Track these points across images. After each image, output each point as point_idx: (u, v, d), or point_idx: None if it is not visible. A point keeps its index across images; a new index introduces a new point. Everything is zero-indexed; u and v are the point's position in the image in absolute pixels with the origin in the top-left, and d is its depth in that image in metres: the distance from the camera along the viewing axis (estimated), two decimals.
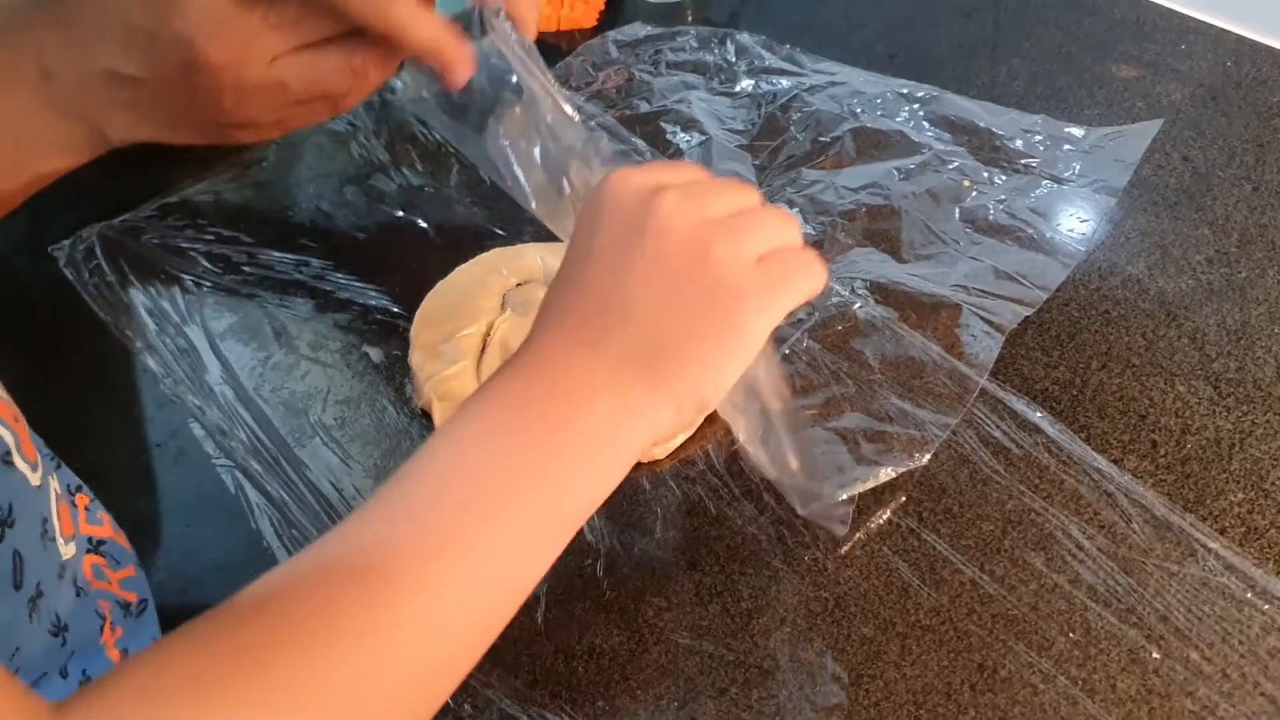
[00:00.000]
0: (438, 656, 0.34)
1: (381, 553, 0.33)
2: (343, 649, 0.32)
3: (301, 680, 0.31)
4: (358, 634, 0.32)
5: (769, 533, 0.49)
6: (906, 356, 0.56)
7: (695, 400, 0.38)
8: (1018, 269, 0.60)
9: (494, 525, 0.35)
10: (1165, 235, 0.62)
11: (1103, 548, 0.47)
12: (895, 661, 0.45)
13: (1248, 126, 0.68)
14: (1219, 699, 0.43)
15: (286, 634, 0.31)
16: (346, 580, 0.33)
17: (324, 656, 0.31)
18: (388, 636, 0.32)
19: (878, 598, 0.47)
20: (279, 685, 0.30)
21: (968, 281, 0.59)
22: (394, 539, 0.34)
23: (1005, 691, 0.43)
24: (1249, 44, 0.74)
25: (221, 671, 0.30)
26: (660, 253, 0.37)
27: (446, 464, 0.36)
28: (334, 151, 0.73)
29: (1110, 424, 0.52)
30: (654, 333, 0.37)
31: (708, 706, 0.44)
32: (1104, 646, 0.44)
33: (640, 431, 0.37)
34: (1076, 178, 0.65)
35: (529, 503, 0.36)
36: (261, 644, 0.31)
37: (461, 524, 0.34)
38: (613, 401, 0.37)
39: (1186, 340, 0.56)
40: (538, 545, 0.36)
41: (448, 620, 0.34)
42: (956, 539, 0.48)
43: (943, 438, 0.51)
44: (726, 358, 0.38)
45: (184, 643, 0.31)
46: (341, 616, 0.32)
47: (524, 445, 0.36)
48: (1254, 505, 0.49)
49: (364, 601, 0.32)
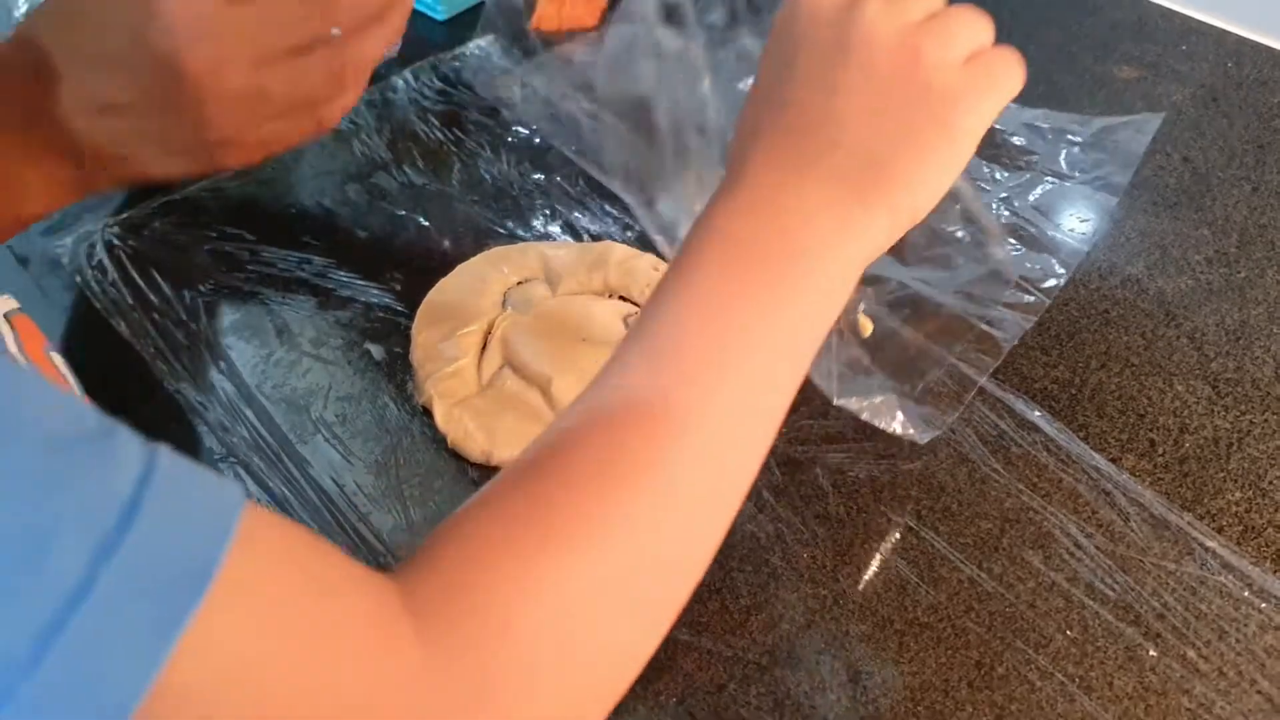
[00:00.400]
0: (721, 485, 0.35)
1: (653, 395, 0.34)
2: (637, 481, 0.33)
3: (604, 514, 0.32)
4: (649, 464, 0.33)
5: (767, 530, 0.50)
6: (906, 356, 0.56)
7: (910, 211, 0.38)
8: (1021, 272, 0.60)
9: (747, 361, 0.35)
10: (1165, 235, 0.62)
11: (1101, 546, 0.48)
12: (893, 659, 0.45)
13: (1248, 127, 0.68)
14: (1216, 696, 0.43)
15: (583, 476, 0.33)
16: (627, 419, 0.34)
17: (620, 490, 0.32)
18: (676, 466, 0.33)
19: (876, 595, 0.47)
20: (584, 524, 0.32)
21: (970, 288, 0.59)
22: (661, 382, 0.35)
23: (1003, 689, 0.44)
24: (1250, 45, 0.74)
25: (531, 520, 0.32)
26: (867, 64, 0.37)
27: (687, 311, 0.36)
28: (336, 150, 0.74)
29: (1109, 423, 0.53)
30: (866, 148, 0.37)
31: (706, 702, 0.44)
32: (1101, 644, 0.45)
33: (861, 250, 0.37)
34: (1079, 174, 0.65)
35: (773, 337, 0.36)
36: (563, 487, 0.32)
37: (719, 361, 0.35)
38: (833, 223, 0.36)
39: (1185, 340, 0.56)
40: (786, 376, 0.37)
41: (726, 447, 0.35)
42: (955, 537, 0.49)
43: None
44: (940, 165, 0.37)
45: (487, 506, 0.33)
46: (632, 451, 0.33)
47: (758, 283, 0.36)
48: (1251, 504, 0.49)
49: (650, 435, 0.33)
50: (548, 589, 0.31)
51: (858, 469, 0.51)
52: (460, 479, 0.53)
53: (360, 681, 0.27)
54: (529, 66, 0.70)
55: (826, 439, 0.53)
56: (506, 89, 0.76)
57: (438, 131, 0.73)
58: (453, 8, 0.84)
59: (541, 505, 0.32)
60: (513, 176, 0.70)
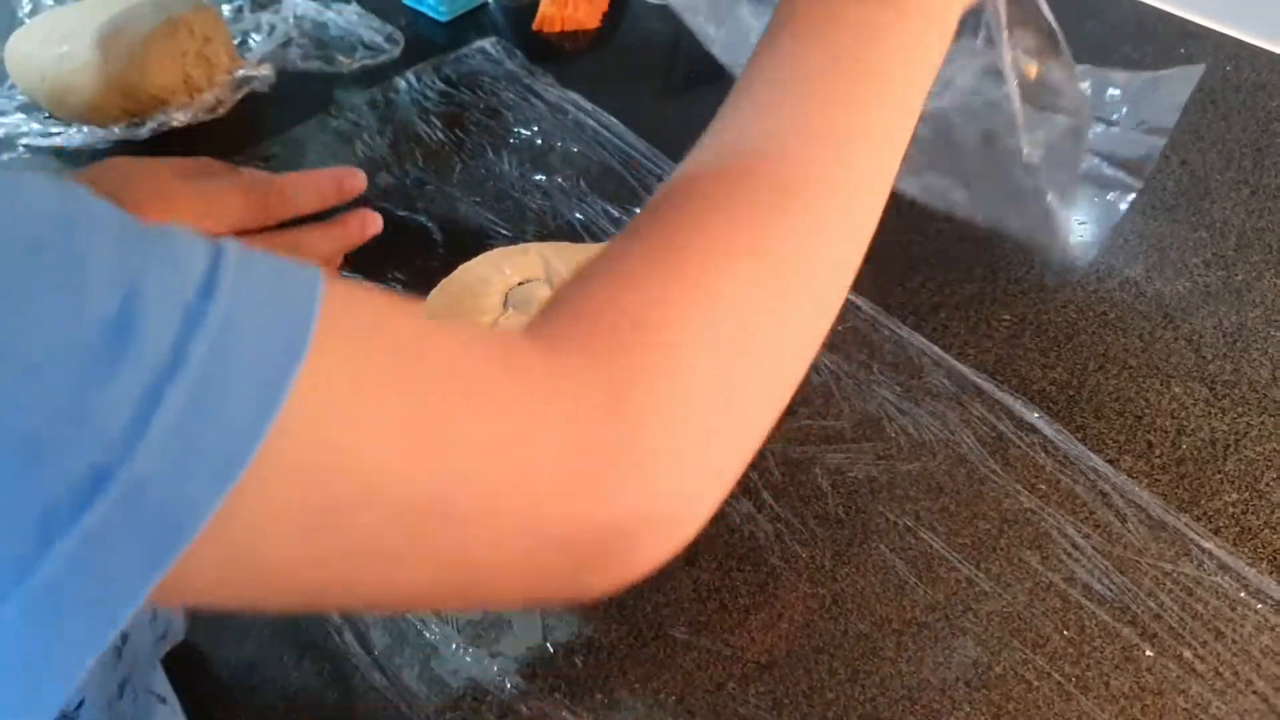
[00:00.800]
0: (852, 224, 0.36)
1: (773, 143, 0.34)
2: (766, 212, 0.32)
3: (737, 241, 0.31)
4: (790, 194, 0.33)
5: (766, 530, 0.50)
6: (905, 356, 0.56)
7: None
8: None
9: (862, 88, 0.35)
10: (1163, 238, 0.62)
11: (1098, 547, 0.48)
12: (891, 657, 0.45)
13: (1246, 130, 0.68)
14: (1211, 697, 0.43)
15: (712, 210, 0.32)
16: (755, 158, 0.34)
17: (753, 217, 0.32)
18: (806, 201, 0.33)
19: (874, 595, 0.47)
20: (715, 254, 0.31)
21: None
22: (780, 125, 0.34)
23: (1000, 688, 0.44)
24: (1248, 48, 0.74)
25: (669, 247, 0.31)
26: None
27: (792, 49, 0.36)
28: (338, 149, 0.74)
29: (1106, 424, 0.53)
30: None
31: (705, 700, 0.44)
32: (1098, 644, 0.45)
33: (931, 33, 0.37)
34: (1124, 119, 0.65)
35: (884, 63, 0.36)
36: (692, 220, 0.32)
37: (838, 91, 0.35)
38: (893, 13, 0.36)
39: (1183, 342, 0.56)
40: (900, 102, 0.37)
41: (854, 187, 0.35)
42: (953, 537, 0.49)
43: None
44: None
45: (609, 255, 0.32)
46: (759, 186, 0.33)
47: (857, 17, 0.36)
48: (1248, 506, 0.49)
49: (778, 172, 0.33)
50: (691, 302, 0.29)
51: (857, 469, 0.52)
52: None
53: (480, 416, 0.25)
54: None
55: (826, 440, 0.53)
56: (508, 90, 0.77)
57: (439, 132, 0.74)
58: (454, 9, 0.84)
59: (675, 235, 0.31)
60: (514, 177, 0.70)
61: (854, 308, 0.59)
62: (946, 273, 0.61)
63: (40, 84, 0.75)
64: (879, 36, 0.36)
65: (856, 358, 0.57)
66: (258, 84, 0.78)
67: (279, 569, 0.24)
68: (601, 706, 0.45)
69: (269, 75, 0.78)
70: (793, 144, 0.34)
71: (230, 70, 0.78)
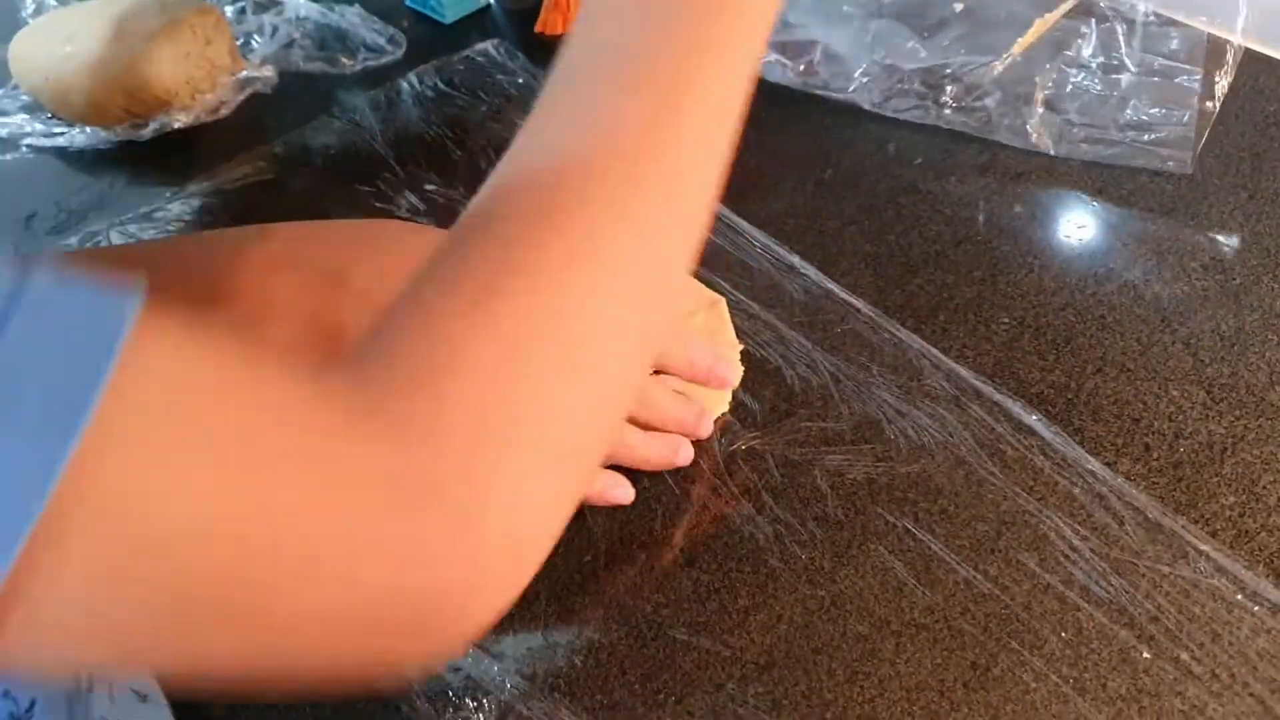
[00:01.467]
0: (679, 220, 0.33)
1: (587, 142, 0.32)
2: (587, 213, 0.31)
3: (558, 247, 0.30)
4: (613, 204, 0.31)
5: (766, 532, 0.50)
6: (904, 359, 0.57)
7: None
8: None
9: (685, 100, 0.33)
10: (1161, 242, 0.62)
11: (1095, 549, 0.48)
12: (890, 659, 0.45)
13: (1244, 135, 0.68)
14: (1208, 699, 0.43)
15: (520, 229, 0.31)
16: (566, 162, 0.32)
17: (572, 220, 0.31)
18: (624, 208, 0.32)
19: (873, 596, 0.48)
20: (539, 259, 0.29)
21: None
22: (595, 127, 0.32)
23: (998, 689, 0.44)
24: (1247, 53, 0.74)
25: (483, 261, 0.29)
26: None
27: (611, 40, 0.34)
28: (340, 150, 0.74)
29: (1104, 427, 0.53)
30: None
31: (704, 701, 0.45)
32: (1095, 646, 0.45)
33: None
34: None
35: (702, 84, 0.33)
36: (503, 241, 0.30)
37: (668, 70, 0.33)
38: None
39: (1181, 345, 0.57)
40: (734, 91, 0.34)
41: (675, 180, 0.33)
42: (951, 539, 0.49)
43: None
44: None
45: (446, 261, 0.30)
46: (568, 196, 0.31)
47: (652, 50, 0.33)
48: (1245, 509, 0.49)
49: (589, 175, 0.31)
50: (501, 345, 0.28)
51: (856, 471, 0.52)
52: None
53: (274, 483, 0.24)
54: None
55: (825, 441, 0.53)
56: (510, 92, 0.77)
57: (442, 134, 0.74)
58: (457, 11, 0.85)
59: (486, 259, 0.29)
60: None
61: (853, 310, 0.60)
62: (945, 275, 0.61)
63: (43, 84, 0.75)
64: (697, 18, 0.33)
65: (856, 360, 0.57)
66: (260, 85, 0.78)
67: (83, 633, 0.23)
68: (600, 707, 0.45)
69: (271, 76, 0.79)
70: (607, 141, 0.32)
71: (233, 71, 0.78)
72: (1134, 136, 0.68)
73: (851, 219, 0.66)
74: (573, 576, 0.49)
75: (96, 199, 0.71)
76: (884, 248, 0.64)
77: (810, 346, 0.58)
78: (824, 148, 0.71)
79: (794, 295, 0.61)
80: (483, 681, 0.46)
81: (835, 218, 0.66)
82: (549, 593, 0.49)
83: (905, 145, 0.70)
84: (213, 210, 0.70)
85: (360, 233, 0.51)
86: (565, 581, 0.49)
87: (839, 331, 0.59)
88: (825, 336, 0.58)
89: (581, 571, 0.49)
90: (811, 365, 0.57)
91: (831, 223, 0.65)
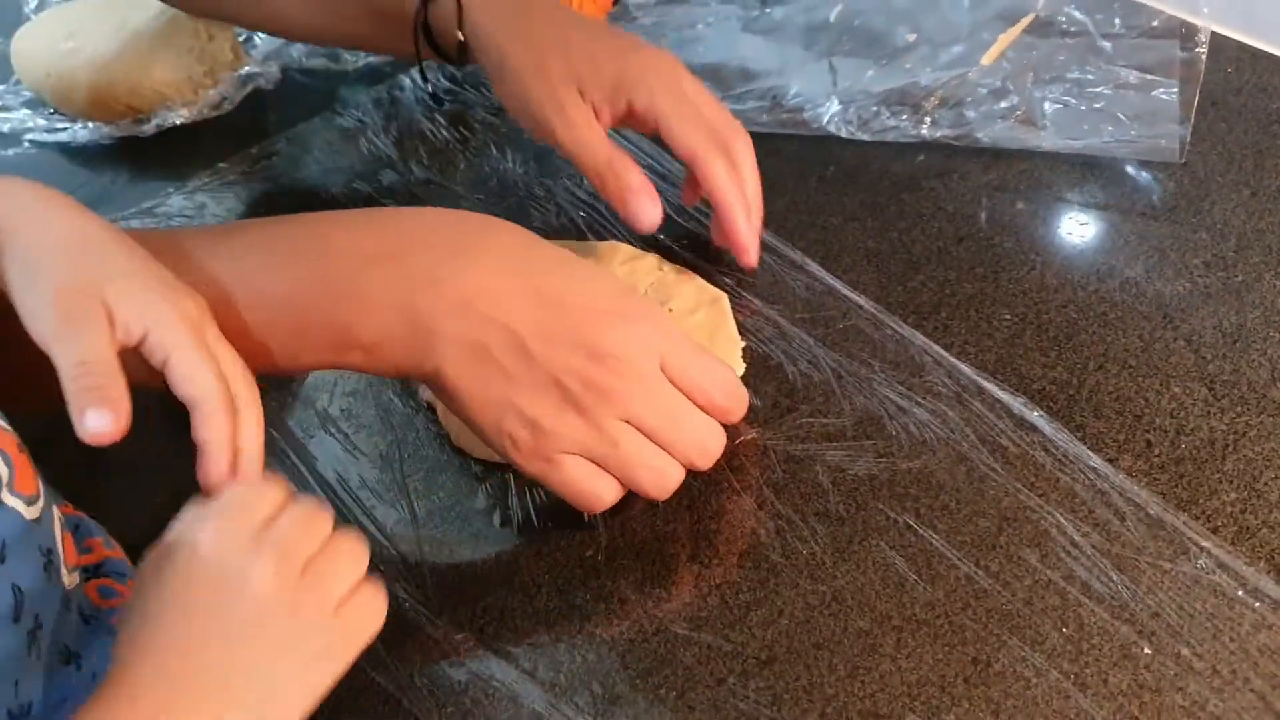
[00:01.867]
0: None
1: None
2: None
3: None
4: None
5: (768, 527, 0.50)
6: (906, 355, 0.57)
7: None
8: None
9: None
10: (1163, 239, 0.62)
11: (1097, 545, 0.48)
12: (890, 654, 0.45)
13: (1246, 132, 0.68)
14: (1209, 694, 0.43)
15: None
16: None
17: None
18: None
19: (874, 592, 0.48)
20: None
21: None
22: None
23: (998, 685, 0.44)
24: (1249, 50, 0.74)
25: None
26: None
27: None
28: (343, 147, 0.74)
29: (1106, 424, 0.53)
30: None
31: (705, 696, 0.45)
32: (1096, 642, 0.45)
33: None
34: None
35: None
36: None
37: None
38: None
39: (1183, 342, 0.57)
40: None
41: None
42: (953, 535, 0.49)
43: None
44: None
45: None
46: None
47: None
48: (1246, 505, 0.49)
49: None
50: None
51: (857, 467, 0.52)
52: (464, 474, 0.54)
53: None
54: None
55: (827, 437, 0.53)
56: None
57: (444, 130, 0.74)
58: None
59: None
60: (518, 175, 0.70)
61: (855, 306, 0.60)
62: (947, 272, 0.61)
63: (45, 80, 0.75)
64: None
65: (858, 356, 0.57)
66: (262, 81, 0.78)
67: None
68: (602, 702, 0.45)
69: (274, 72, 0.79)
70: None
71: (235, 67, 0.78)
72: (1116, 134, 0.68)
73: (853, 215, 0.66)
74: (574, 571, 0.49)
75: (98, 194, 0.71)
76: (886, 244, 0.64)
77: (812, 342, 0.58)
78: (825, 144, 0.71)
79: (796, 291, 0.61)
80: (483, 677, 0.46)
81: (837, 214, 0.66)
82: (551, 587, 0.49)
83: (901, 151, 0.70)
84: (214, 207, 0.70)
85: (461, 236, 0.49)
86: (567, 576, 0.49)
87: (841, 328, 0.59)
88: (827, 333, 0.59)
89: (583, 566, 0.50)
90: (813, 361, 0.57)
91: (833, 219, 0.66)
